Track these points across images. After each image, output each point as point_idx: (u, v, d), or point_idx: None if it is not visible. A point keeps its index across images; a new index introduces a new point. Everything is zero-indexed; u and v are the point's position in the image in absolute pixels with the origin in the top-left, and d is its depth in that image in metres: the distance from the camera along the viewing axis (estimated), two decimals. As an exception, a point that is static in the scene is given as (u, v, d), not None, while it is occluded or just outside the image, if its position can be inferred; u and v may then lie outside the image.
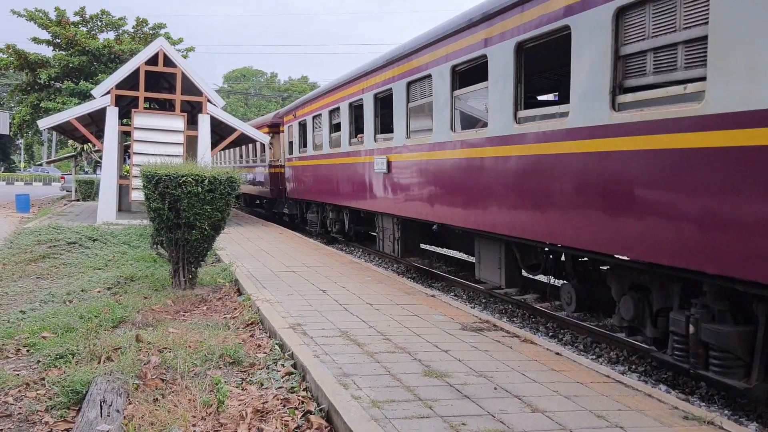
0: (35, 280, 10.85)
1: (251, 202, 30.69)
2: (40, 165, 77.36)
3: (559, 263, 8.81)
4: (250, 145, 26.47)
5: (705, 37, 5.39)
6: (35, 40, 29.56)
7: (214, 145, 19.96)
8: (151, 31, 31.44)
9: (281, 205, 23.40)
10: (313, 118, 17.86)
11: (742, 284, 5.17)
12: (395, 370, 5.50)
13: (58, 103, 27.22)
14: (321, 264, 11.83)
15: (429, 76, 10.60)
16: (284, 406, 4.97)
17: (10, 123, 34.65)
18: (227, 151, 31.45)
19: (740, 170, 5.04)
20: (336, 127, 15.78)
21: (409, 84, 11.46)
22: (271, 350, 6.36)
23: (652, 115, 5.93)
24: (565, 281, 8.69)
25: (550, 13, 7.37)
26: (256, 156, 25.92)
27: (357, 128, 14.52)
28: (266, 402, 4.98)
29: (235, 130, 19.63)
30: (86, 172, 47.87)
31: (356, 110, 14.53)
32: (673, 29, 5.79)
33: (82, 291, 9.41)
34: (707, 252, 5.35)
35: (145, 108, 18.96)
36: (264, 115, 42.97)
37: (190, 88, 18.84)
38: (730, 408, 6.25)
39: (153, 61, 18.12)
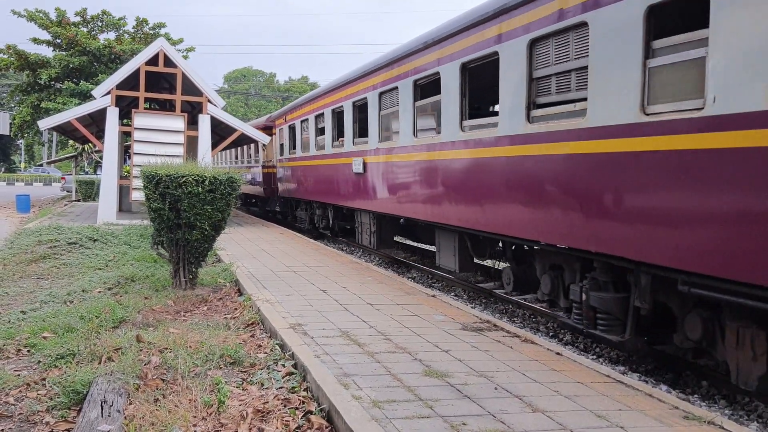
0: (36, 280, 10.85)
1: (247, 201, 31.15)
2: (41, 165, 77.36)
3: (500, 250, 10.24)
4: (245, 147, 27.48)
5: (586, 67, 6.92)
6: (35, 40, 29.56)
7: (214, 145, 19.97)
8: (151, 31, 31.43)
9: (274, 204, 24.68)
10: (302, 122, 19.24)
11: (617, 260, 6.66)
12: (396, 370, 5.50)
13: (58, 103, 27.21)
14: (321, 264, 11.83)
15: (396, 88, 11.96)
16: (285, 406, 4.97)
17: (11, 123, 34.67)
18: (224, 151, 31.80)
19: (609, 171, 6.59)
20: (321, 131, 17.12)
21: (380, 94, 12.88)
22: (271, 350, 6.36)
23: (554, 127, 7.49)
24: (506, 265, 10.10)
25: (484, 41, 8.87)
26: (250, 157, 27.19)
27: (339, 132, 15.84)
28: (267, 402, 4.99)
29: (235, 130, 19.63)
30: (86, 173, 47.92)
31: (338, 116, 15.83)
32: (567, 59, 7.33)
33: (83, 291, 9.41)
34: (592, 236, 6.89)
35: (145, 108, 18.96)
36: (263, 115, 43.61)
37: (190, 88, 18.84)
38: (731, 408, 6.25)
39: (153, 61, 18.13)
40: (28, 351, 6.56)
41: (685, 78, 5.81)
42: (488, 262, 12.06)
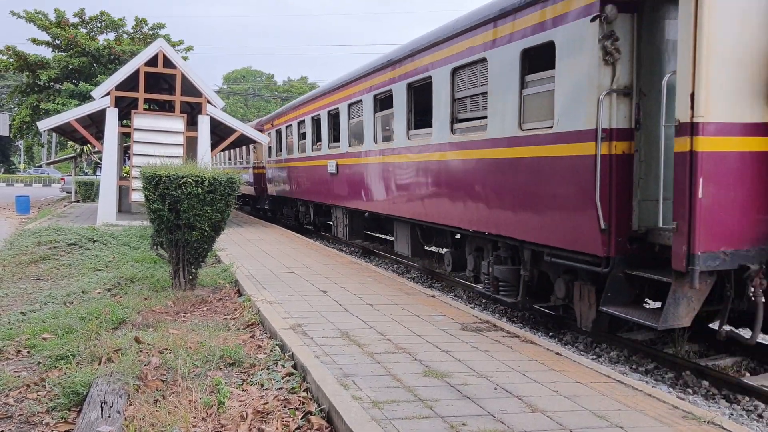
0: (35, 281, 10.85)
1: (239, 200, 31.68)
2: (40, 166, 77.35)
3: (442, 237, 11.74)
4: (239, 149, 28.68)
5: (487, 92, 8.88)
6: (35, 41, 29.55)
7: (213, 146, 19.97)
8: (150, 32, 31.40)
9: (264, 202, 26.51)
10: (286, 127, 21.05)
11: (511, 240, 8.53)
12: (395, 371, 5.50)
13: (57, 104, 27.20)
14: (321, 265, 11.83)
15: (361, 101, 13.85)
16: (285, 406, 4.97)
17: (10, 124, 34.64)
18: (219, 153, 32.35)
19: (501, 172, 8.58)
20: (303, 136, 19.12)
21: (349, 105, 14.69)
22: (271, 351, 6.36)
23: (468, 138, 9.45)
24: (446, 250, 11.49)
25: (422, 66, 10.83)
26: (242, 158, 28.98)
27: (317, 137, 17.80)
28: (267, 403, 4.99)
29: (234, 131, 19.63)
30: (86, 174, 47.90)
31: (316, 123, 17.81)
32: (476, 85, 9.28)
33: (83, 292, 9.41)
34: (494, 222, 8.81)
35: (144, 109, 18.95)
36: (262, 116, 44.37)
37: (189, 89, 18.83)
38: (731, 407, 6.25)
39: (153, 62, 18.12)
40: (28, 352, 6.57)
41: (544, 104, 7.74)
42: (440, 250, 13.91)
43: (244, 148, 27.32)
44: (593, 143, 6.77)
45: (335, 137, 16.11)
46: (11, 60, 29.34)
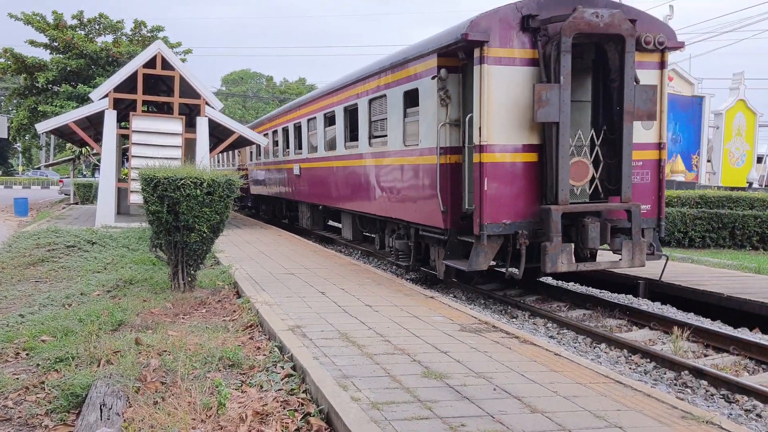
0: (34, 283, 10.85)
1: None
2: (39, 168, 77.28)
3: (372, 223, 14.39)
4: (226, 153, 30.67)
5: (386, 118, 12.12)
6: (32, 43, 29.55)
7: (212, 147, 19.95)
8: (149, 34, 31.40)
9: (247, 200, 29.68)
10: (263, 135, 23.31)
11: (403, 222, 11.71)
12: (395, 372, 5.51)
13: (56, 106, 27.20)
14: (320, 266, 11.84)
15: (315, 117, 17.18)
16: (284, 408, 4.98)
17: (8, 127, 34.61)
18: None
19: (395, 174, 11.77)
20: (276, 143, 22.31)
21: (308, 120, 17.98)
22: (270, 352, 6.37)
23: (377, 149, 12.70)
24: (375, 235, 14.43)
25: (353, 95, 14.06)
26: (229, 161, 31.93)
27: (287, 144, 20.77)
28: (266, 404, 4.99)
29: (233, 132, 19.61)
30: (84, 176, 47.84)
31: (286, 132, 20.95)
32: (383, 112, 12.46)
33: (82, 294, 9.41)
34: (394, 209, 11.92)
35: (143, 111, 18.93)
36: (259, 117, 45.13)
37: (188, 90, 18.82)
38: (730, 407, 6.26)
39: (151, 64, 18.11)
40: (27, 354, 6.57)
41: (415, 129, 11.03)
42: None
43: (230, 151, 29.57)
44: (435, 156, 10.07)
45: (299, 145, 19.32)
46: (9, 62, 29.33)
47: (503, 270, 9.58)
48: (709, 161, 28.33)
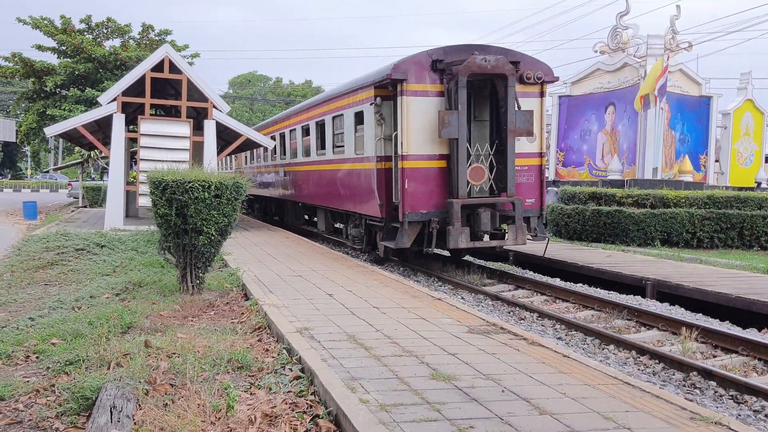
0: (44, 286, 10.91)
1: None
2: (47, 172, 77.63)
3: (341, 217, 17.26)
4: (227, 157, 31.26)
5: (344, 132, 15.00)
6: (40, 47, 29.66)
7: (220, 150, 20.02)
8: (156, 38, 31.51)
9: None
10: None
11: (358, 214, 14.39)
12: (403, 374, 5.52)
13: (64, 110, 27.34)
14: (327, 268, 11.85)
15: (295, 129, 20.24)
16: (293, 410, 4.99)
17: (17, 130, 34.80)
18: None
19: (350, 176, 14.64)
20: (265, 149, 24.80)
21: (290, 131, 21.11)
22: (278, 354, 6.38)
23: (338, 157, 15.51)
24: (342, 225, 17.93)
25: (320, 113, 17.11)
26: (228, 165, 34.35)
27: (274, 150, 23.45)
28: (275, 406, 5.01)
29: (240, 135, 19.67)
30: (93, 179, 48.05)
31: (273, 140, 23.90)
32: (342, 127, 15.21)
33: (91, 297, 9.46)
34: (352, 204, 14.51)
35: (151, 114, 19.03)
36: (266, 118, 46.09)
37: (195, 94, 18.90)
38: (739, 408, 6.25)
39: (159, 67, 18.19)
40: (37, 357, 6.61)
41: (362, 142, 13.78)
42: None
43: (229, 155, 31.32)
44: (374, 163, 12.99)
45: (283, 152, 22.19)
46: (17, 66, 29.48)
47: (429, 250, 12.35)
48: (717, 161, 28.19)
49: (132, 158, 24.87)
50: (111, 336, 7.01)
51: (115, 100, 18.05)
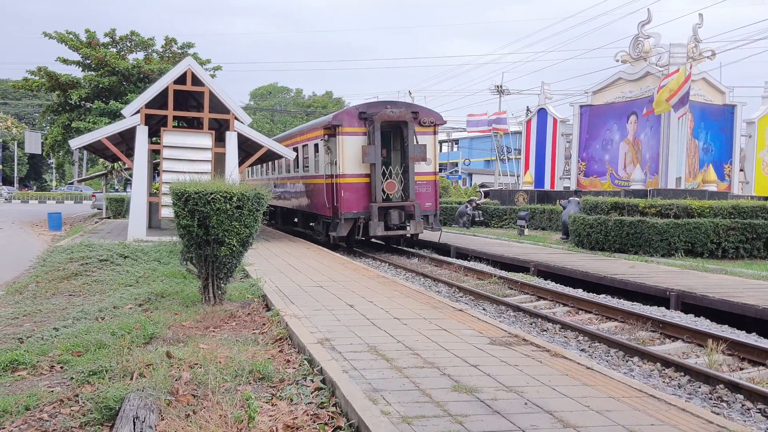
0: (68, 297, 11.02)
1: None
2: (72, 183, 78.65)
3: (314, 218, 21.75)
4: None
5: (308, 156, 21.30)
6: (64, 61, 30.09)
7: (241, 161, 20.15)
8: (179, 51, 31.84)
9: None
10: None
11: (322, 216, 20.15)
12: (424, 385, 5.48)
13: (88, 122, 27.67)
14: (348, 279, 11.86)
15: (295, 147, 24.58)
16: (314, 421, 4.98)
17: (42, 143, 35.29)
18: None
19: (315, 189, 20.45)
20: (262, 165, 29.42)
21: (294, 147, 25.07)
22: (300, 365, 6.38)
23: (309, 174, 21.36)
24: (316, 223, 21.57)
25: (300, 140, 22.29)
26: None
27: (269, 166, 28.38)
28: (296, 417, 5.00)
29: (261, 146, 19.79)
30: (116, 190, 48.58)
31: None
32: (309, 153, 21.16)
33: (114, 308, 9.53)
34: (317, 208, 20.23)
35: (173, 126, 19.20)
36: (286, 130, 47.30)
37: (217, 105, 19.05)
38: (767, 421, 6.12)
39: (181, 80, 18.37)
40: (62, 367, 6.67)
41: (321, 164, 19.43)
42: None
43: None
44: (323, 179, 18.72)
45: (273, 168, 27.57)
46: (43, 80, 29.94)
47: (358, 237, 18.64)
48: (741, 170, 27.85)
49: (155, 170, 25.10)
50: (134, 346, 7.06)
51: (138, 112, 18.26)
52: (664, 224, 17.15)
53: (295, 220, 26.38)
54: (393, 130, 18.41)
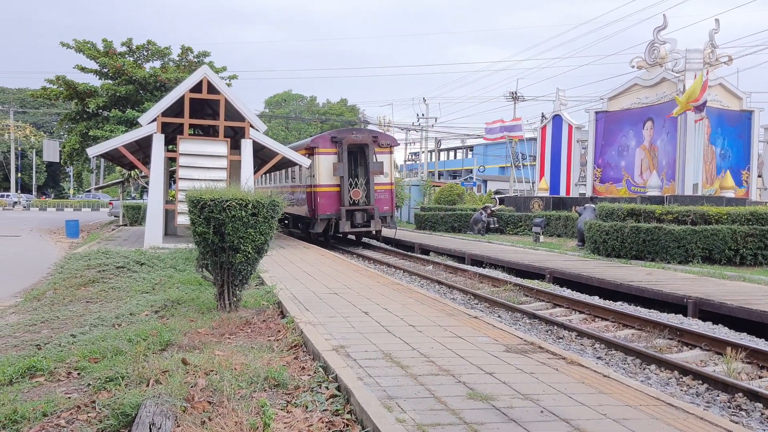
0: (85, 304, 11.10)
1: None
2: (89, 191, 79.35)
3: (299, 220, 26.50)
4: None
5: (296, 170, 25.98)
6: (82, 69, 30.40)
7: (256, 169, 20.24)
8: (195, 59, 32.07)
9: None
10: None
11: (308, 217, 24.34)
12: (439, 393, 5.47)
13: (106, 131, 27.93)
14: (363, 286, 11.85)
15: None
16: (329, 429, 4.97)
17: (60, 151, 35.63)
18: None
19: (302, 195, 24.79)
20: (270, 174, 32.69)
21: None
22: (314, 372, 6.38)
23: (295, 183, 26.47)
24: (300, 223, 26.54)
25: (305, 153, 23.59)
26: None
27: (275, 176, 31.20)
28: (311, 425, 5.00)
29: (276, 154, 19.89)
30: (133, 198, 48.95)
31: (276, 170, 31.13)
32: (310, 167, 23.49)
33: (131, 314, 9.59)
34: (309, 211, 23.64)
35: (189, 134, 19.33)
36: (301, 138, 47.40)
37: (232, 113, 19.17)
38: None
39: (197, 88, 18.51)
40: (78, 374, 6.71)
41: (302, 177, 24.71)
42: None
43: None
44: (305, 188, 23.78)
45: (270, 177, 31.55)
46: (61, 89, 30.27)
47: (331, 233, 23.43)
48: (759, 176, 27.58)
49: (171, 177, 25.29)
50: (150, 353, 7.09)
51: (154, 120, 18.40)
52: (681, 231, 17.01)
53: (286, 222, 30.56)
54: (358, 151, 22.90)
